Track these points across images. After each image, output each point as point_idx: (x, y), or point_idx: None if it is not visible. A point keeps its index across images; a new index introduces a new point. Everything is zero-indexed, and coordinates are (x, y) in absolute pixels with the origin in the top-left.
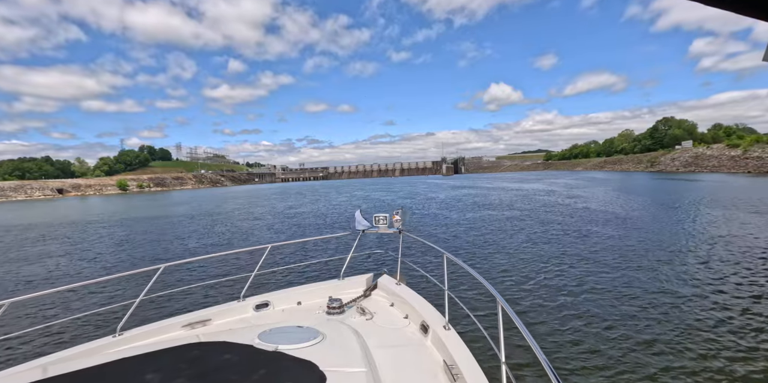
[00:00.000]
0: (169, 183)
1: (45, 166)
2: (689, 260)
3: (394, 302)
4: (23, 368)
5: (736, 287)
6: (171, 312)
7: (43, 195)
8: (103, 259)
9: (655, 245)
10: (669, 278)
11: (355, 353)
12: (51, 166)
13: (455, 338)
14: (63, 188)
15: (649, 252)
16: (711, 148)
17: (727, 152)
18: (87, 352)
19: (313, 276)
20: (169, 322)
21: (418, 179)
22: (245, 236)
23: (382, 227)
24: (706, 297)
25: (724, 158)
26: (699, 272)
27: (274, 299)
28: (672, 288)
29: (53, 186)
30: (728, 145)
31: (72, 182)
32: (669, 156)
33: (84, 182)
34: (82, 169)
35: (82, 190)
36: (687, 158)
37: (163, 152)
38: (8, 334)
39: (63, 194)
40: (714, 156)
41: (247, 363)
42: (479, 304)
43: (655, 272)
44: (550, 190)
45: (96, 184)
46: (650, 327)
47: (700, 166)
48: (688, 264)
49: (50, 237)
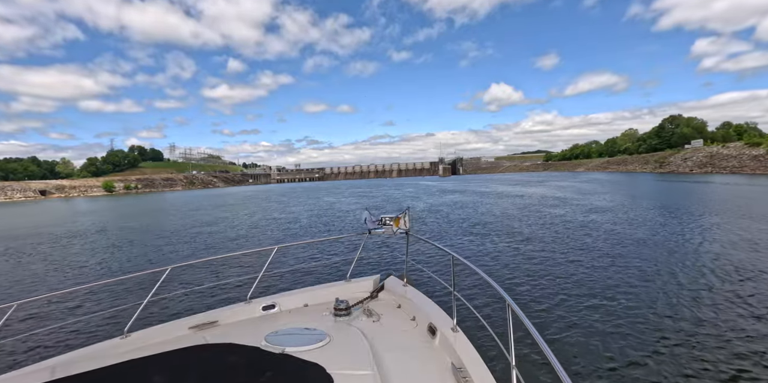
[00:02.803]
0: (159, 184)
1: (31, 166)
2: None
3: (401, 303)
4: (31, 369)
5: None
6: (178, 314)
7: (24, 197)
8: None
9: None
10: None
11: (362, 355)
12: (37, 167)
13: (463, 340)
14: (46, 189)
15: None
16: (728, 147)
17: (748, 151)
18: (94, 353)
19: (319, 278)
20: (176, 324)
21: (412, 180)
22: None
23: (389, 228)
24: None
25: (745, 157)
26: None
27: (280, 300)
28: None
29: (35, 188)
30: (747, 143)
31: (56, 183)
32: (680, 156)
33: (68, 183)
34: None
35: (65, 191)
36: (701, 158)
37: (154, 152)
38: (16, 335)
39: (46, 195)
40: (732, 156)
41: (253, 365)
42: (488, 306)
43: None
44: (559, 197)
45: (81, 185)
46: (671, 333)
47: (717, 166)
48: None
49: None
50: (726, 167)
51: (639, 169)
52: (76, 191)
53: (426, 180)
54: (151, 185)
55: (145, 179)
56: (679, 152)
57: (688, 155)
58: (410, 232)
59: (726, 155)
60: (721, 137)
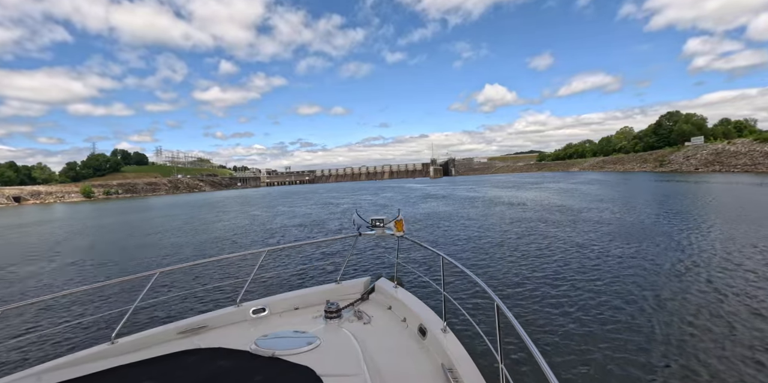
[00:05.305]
0: (141, 189)
1: (8, 172)
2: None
3: (391, 305)
4: (17, 377)
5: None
6: (166, 319)
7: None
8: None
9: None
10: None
11: (352, 357)
12: (14, 172)
13: (453, 340)
14: (20, 195)
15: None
16: (734, 143)
17: (759, 148)
18: (82, 360)
19: (310, 280)
20: (164, 329)
21: (398, 183)
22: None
23: (380, 230)
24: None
25: (757, 154)
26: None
27: (270, 304)
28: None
29: (9, 194)
30: (757, 139)
31: (31, 189)
32: (681, 154)
33: (45, 189)
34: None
35: (41, 197)
36: (706, 156)
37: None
38: (2, 342)
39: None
40: (742, 153)
41: (243, 369)
42: (477, 306)
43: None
44: (563, 206)
45: (58, 191)
46: (655, 330)
47: (726, 165)
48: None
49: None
50: (736, 165)
51: (638, 168)
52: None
53: (413, 183)
54: (133, 190)
55: (126, 184)
56: (679, 149)
57: (691, 153)
58: (400, 234)
59: (734, 152)
60: (722, 134)
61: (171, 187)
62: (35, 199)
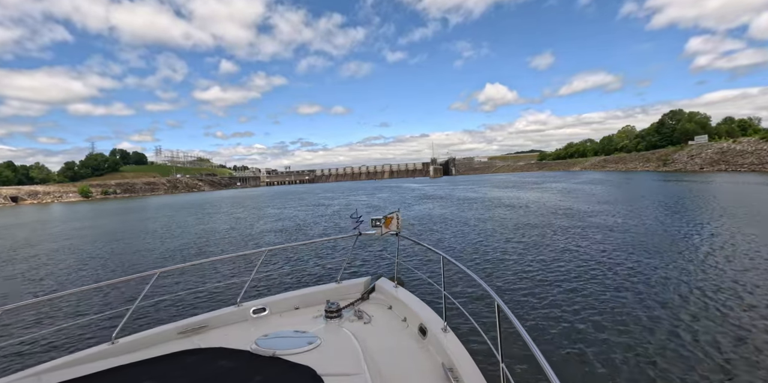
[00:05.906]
0: (140, 189)
1: (6, 172)
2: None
3: (392, 305)
4: (17, 377)
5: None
6: (167, 319)
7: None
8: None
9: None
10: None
11: (352, 357)
12: (12, 172)
13: (454, 340)
14: (18, 195)
15: None
16: (740, 142)
17: (766, 147)
18: (82, 360)
19: (310, 280)
20: (165, 329)
21: (396, 182)
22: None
23: (379, 229)
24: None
25: (764, 153)
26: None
27: (271, 303)
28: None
29: (6, 194)
30: (763, 138)
31: (28, 188)
32: (685, 153)
33: (42, 188)
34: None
35: (39, 197)
36: (711, 155)
37: (137, 155)
38: (2, 342)
39: (18, 202)
40: (749, 152)
41: (244, 369)
42: (477, 306)
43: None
44: (569, 208)
45: (56, 191)
46: (656, 331)
47: (732, 164)
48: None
49: None
50: (743, 164)
51: (640, 167)
52: (50, 196)
53: (412, 182)
54: (131, 189)
55: (124, 184)
56: (682, 148)
57: (695, 152)
58: (400, 233)
59: (740, 151)
60: (726, 133)
61: (170, 187)
62: (33, 199)
